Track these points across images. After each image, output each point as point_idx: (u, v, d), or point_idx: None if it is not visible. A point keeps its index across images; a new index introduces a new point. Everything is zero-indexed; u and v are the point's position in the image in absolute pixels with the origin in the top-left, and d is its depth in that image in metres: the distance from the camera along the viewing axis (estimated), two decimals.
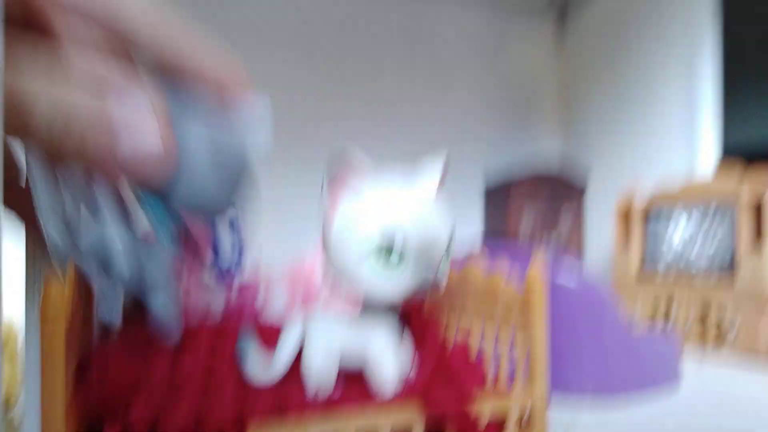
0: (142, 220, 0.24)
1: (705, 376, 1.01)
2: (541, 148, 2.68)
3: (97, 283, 0.24)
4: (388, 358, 0.40)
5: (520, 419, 0.43)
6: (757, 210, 1.17)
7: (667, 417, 0.77)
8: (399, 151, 2.29)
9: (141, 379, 0.37)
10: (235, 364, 0.38)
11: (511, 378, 0.46)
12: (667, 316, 1.31)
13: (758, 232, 1.17)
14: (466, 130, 2.56)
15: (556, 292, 0.70)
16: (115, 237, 0.23)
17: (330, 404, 0.38)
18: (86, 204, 0.22)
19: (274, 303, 0.65)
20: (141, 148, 0.19)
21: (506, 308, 0.46)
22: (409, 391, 0.39)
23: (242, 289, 0.64)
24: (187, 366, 0.38)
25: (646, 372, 0.83)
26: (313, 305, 0.44)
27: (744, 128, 3.16)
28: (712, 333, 1.19)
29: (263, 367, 0.39)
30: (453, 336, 0.56)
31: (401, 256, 0.36)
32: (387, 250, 0.36)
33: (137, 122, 0.19)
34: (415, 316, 0.56)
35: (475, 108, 2.59)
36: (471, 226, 2.55)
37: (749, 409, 0.82)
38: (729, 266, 1.22)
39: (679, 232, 1.32)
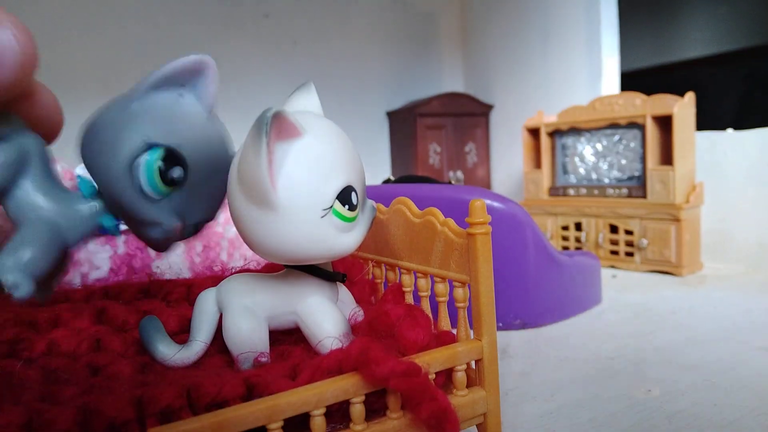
0: None
1: (620, 287, 1.05)
2: (445, 75, 2.63)
3: None
4: (325, 312, 0.34)
5: (467, 368, 0.39)
6: (663, 127, 1.20)
7: (590, 327, 0.81)
8: (299, 83, 2.16)
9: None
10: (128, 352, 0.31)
11: (453, 322, 0.42)
12: (579, 229, 1.36)
13: (666, 147, 1.20)
14: (368, 61, 2.45)
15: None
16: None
17: (261, 376, 0.31)
18: None
19: (171, 259, 0.56)
20: None
21: (446, 245, 0.41)
22: (347, 351, 0.34)
23: (129, 242, 0.55)
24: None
25: (570, 300, 0.84)
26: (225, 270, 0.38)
27: (638, 58, 3.28)
28: (624, 244, 1.24)
29: (175, 347, 0.32)
30: (384, 278, 0.51)
31: (357, 204, 0.32)
32: (345, 200, 0.31)
33: None
34: (340, 263, 0.50)
35: (375, 39, 2.46)
36: (377, 153, 2.50)
37: (662, 314, 0.86)
38: (639, 179, 1.26)
39: (589, 149, 1.35)
